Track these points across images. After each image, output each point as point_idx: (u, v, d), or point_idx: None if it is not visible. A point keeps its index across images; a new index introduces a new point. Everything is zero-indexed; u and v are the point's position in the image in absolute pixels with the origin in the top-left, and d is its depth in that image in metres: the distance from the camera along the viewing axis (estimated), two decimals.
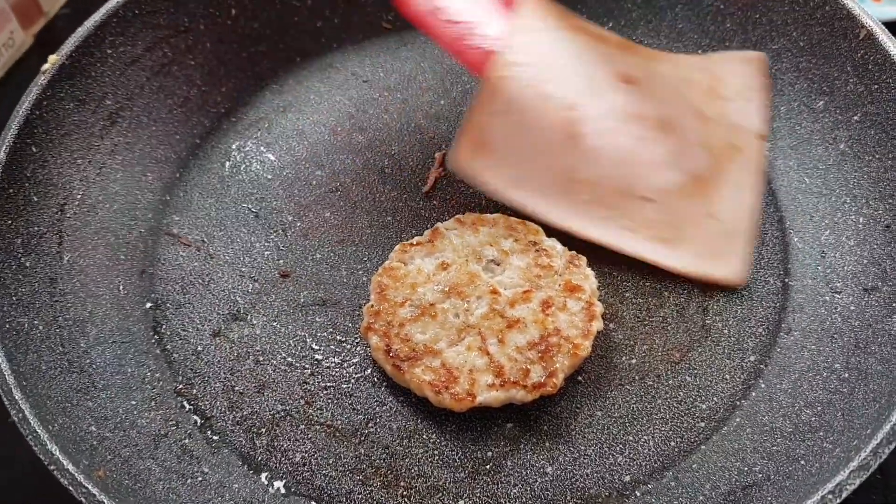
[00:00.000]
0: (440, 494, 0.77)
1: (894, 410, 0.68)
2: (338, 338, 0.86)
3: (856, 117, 0.91)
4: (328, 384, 0.84)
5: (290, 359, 0.85)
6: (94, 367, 0.82)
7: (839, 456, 0.70)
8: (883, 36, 0.89)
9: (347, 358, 0.85)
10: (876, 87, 0.89)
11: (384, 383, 0.83)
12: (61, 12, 1.28)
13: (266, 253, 0.93)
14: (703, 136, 0.93)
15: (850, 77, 0.92)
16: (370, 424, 0.81)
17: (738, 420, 0.80)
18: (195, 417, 0.82)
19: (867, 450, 0.67)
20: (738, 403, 0.81)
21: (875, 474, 0.82)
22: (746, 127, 0.95)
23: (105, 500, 0.67)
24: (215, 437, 0.81)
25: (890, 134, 0.88)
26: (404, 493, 0.77)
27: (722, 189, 0.91)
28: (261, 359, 0.85)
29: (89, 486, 0.68)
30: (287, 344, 0.86)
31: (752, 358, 0.84)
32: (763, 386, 0.82)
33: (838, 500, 0.65)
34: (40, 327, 0.81)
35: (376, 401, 0.82)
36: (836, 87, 0.93)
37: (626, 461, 0.79)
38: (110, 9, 0.96)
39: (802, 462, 0.73)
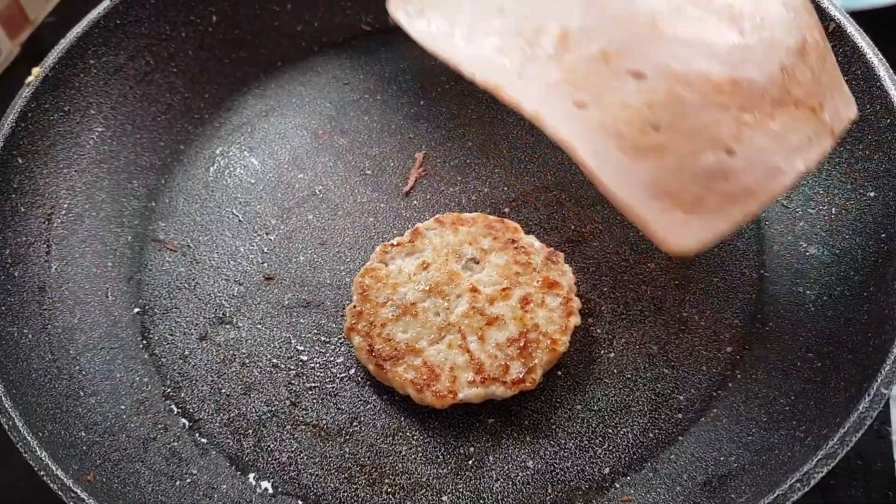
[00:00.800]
0: (424, 490, 0.79)
1: (862, 399, 0.70)
2: (322, 339, 0.88)
3: None
4: (313, 384, 0.85)
5: (275, 360, 0.87)
6: (84, 373, 0.84)
7: (809, 444, 0.71)
8: (851, 28, 0.91)
9: (332, 358, 0.87)
10: (845, 78, 0.90)
11: (368, 382, 0.85)
12: (47, 21, 1.29)
13: (250, 256, 0.94)
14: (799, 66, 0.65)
15: None
16: (355, 423, 0.83)
17: (714, 411, 0.82)
18: (183, 420, 0.84)
19: (834, 438, 0.68)
20: (714, 394, 0.83)
21: (856, 460, 0.85)
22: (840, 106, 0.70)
23: None
24: (203, 440, 0.83)
25: (859, 125, 0.88)
26: (389, 489, 0.79)
27: (767, 129, 0.62)
28: (247, 361, 0.87)
29: (79, 491, 0.70)
30: (272, 346, 0.88)
31: (728, 349, 0.85)
32: (739, 377, 0.84)
33: (807, 488, 0.67)
34: (29, 336, 0.83)
35: (360, 400, 0.84)
36: None
37: (605, 453, 0.80)
38: (92, 19, 0.97)
39: (776, 451, 0.75)
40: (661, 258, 0.91)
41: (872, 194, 0.87)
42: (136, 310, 0.91)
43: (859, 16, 0.94)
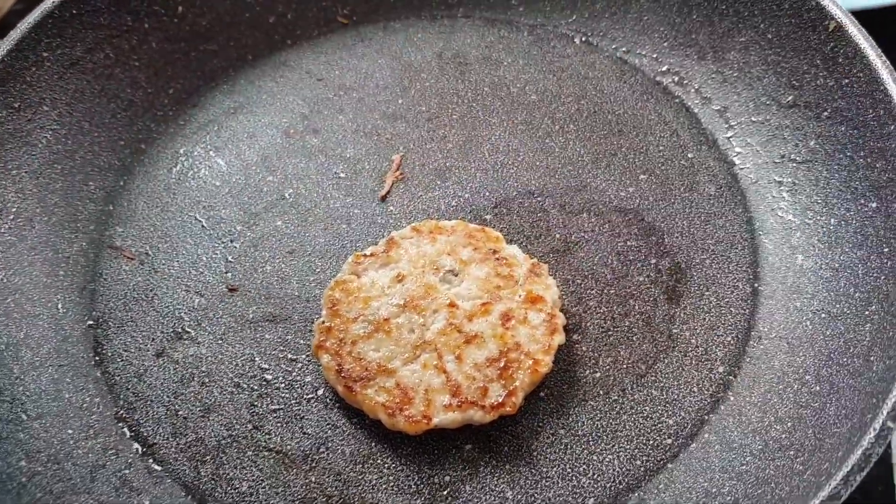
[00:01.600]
0: None
1: (866, 433, 0.65)
2: (288, 356, 0.83)
3: (825, 113, 0.88)
4: (277, 406, 0.80)
5: (237, 379, 0.81)
6: (28, 394, 0.78)
7: (809, 479, 0.66)
8: (853, 28, 0.86)
9: (298, 378, 0.81)
10: (846, 81, 0.86)
11: (336, 405, 0.79)
12: (15, 8, 1.25)
13: (213, 266, 0.89)
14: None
15: (819, 71, 0.89)
16: (321, 449, 0.77)
17: (706, 436, 0.77)
18: (136, 445, 0.78)
19: (838, 477, 0.63)
20: (706, 418, 0.78)
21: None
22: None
23: None
24: (157, 467, 0.77)
25: (860, 131, 0.84)
26: None
27: None
28: (206, 380, 0.81)
29: None
30: (234, 364, 0.82)
31: (720, 369, 0.81)
32: (732, 399, 0.79)
33: None
34: None
35: (328, 424, 0.79)
36: (805, 80, 0.90)
37: (589, 483, 0.75)
38: (46, 9, 0.92)
39: (772, 484, 0.70)
40: (651, 270, 0.86)
41: (874, 205, 0.82)
42: (89, 322, 0.85)
43: (863, 15, 0.90)
